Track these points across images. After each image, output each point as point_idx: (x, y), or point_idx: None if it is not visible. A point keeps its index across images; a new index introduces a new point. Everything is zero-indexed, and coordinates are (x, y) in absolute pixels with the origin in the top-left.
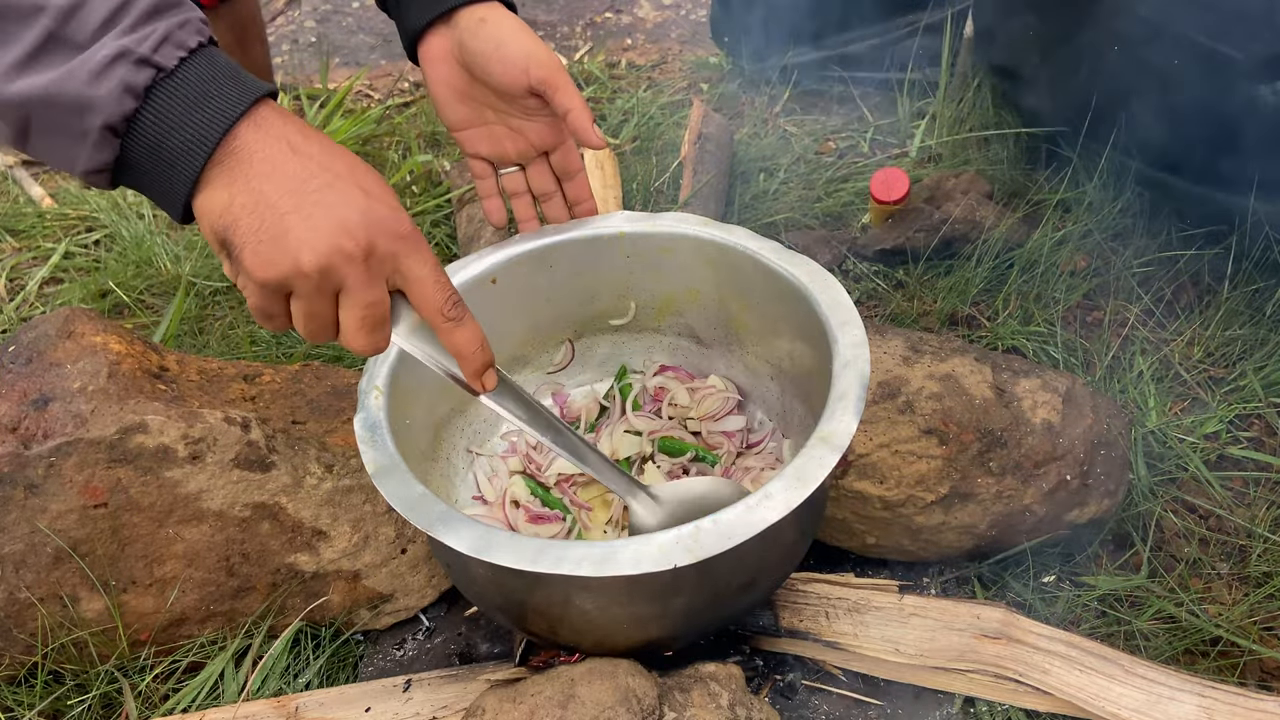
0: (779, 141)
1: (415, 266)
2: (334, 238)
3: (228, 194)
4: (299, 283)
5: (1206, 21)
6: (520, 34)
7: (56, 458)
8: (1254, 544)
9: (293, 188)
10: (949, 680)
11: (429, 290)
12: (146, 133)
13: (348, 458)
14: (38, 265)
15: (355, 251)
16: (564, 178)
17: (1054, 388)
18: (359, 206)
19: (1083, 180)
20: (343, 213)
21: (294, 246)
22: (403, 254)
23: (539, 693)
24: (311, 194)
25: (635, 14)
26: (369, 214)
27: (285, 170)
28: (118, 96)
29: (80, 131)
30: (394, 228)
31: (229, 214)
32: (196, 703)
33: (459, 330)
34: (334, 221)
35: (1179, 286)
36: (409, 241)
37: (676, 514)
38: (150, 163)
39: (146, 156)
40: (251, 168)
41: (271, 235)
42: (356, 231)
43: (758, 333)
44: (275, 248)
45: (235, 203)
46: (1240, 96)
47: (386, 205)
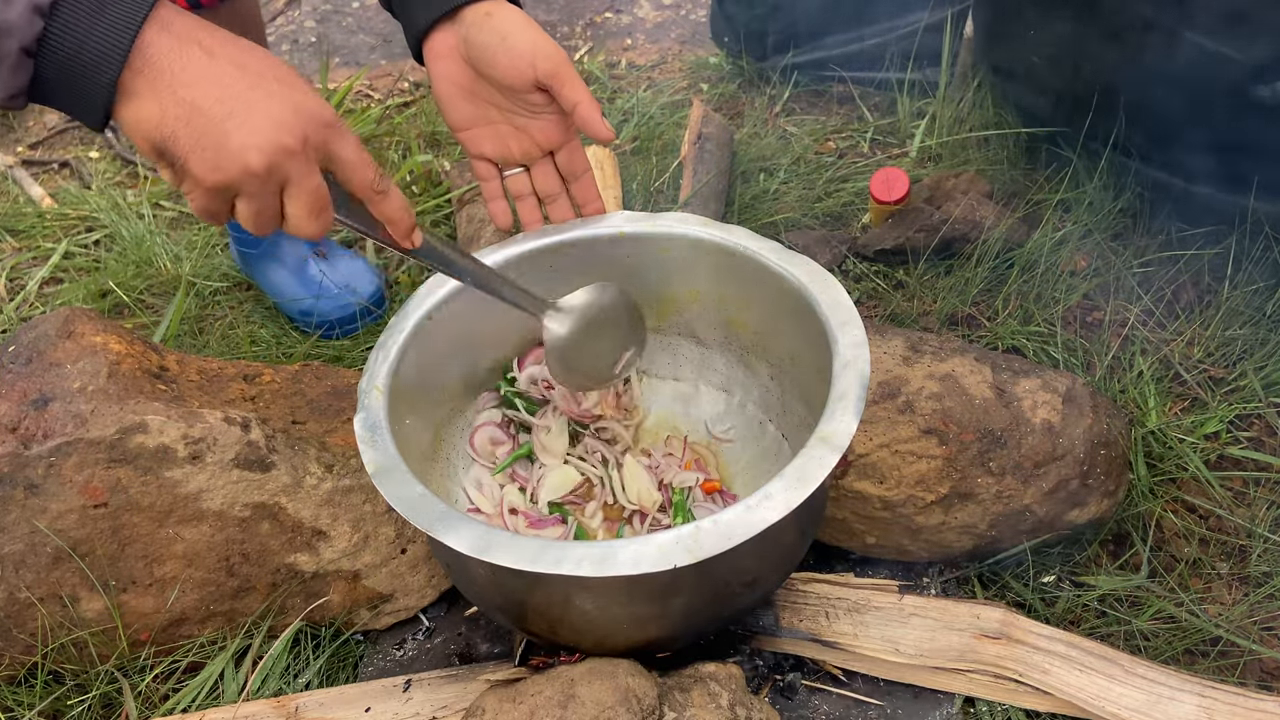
0: (779, 141)
1: (344, 149)
2: (275, 136)
3: (157, 106)
4: (248, 183)
5: (1206, 21)
6: (526, 27)
7: (56, 458)
8: (1254, 544)
9: (220, 94)
10: (949, 680)
11: (358, 169)
12: (57, 48)
13: (348, 458)
14: (38, 265)
15: (295, 145)
16: (570, 179)
17: (1054, 388)
18: (287, 101)
19: (1083, 180)
20: (276, 110)
21: (238, 150)
22: (332, 139)
23: (539, 693)
24: (241, 96)
25: (635, 14)
26: (299, 107)
27: (208, 76)
28: (28, 17)
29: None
30: (322, 116)
31: (164, 126)
32: (196, 703)
33: (387, 200)
34: (270, 120)
35: (1179, 286)
36: (335, 128)
37: (585, 316)
38: (65, 77)
39: (60, 72)
40: (174, 77)
41: (214, 142)
42: (292, 126)
43: (758, 333)
44: (220, 154)
45: (168, 114)
46: (1240, 96)
47: (308, 95)
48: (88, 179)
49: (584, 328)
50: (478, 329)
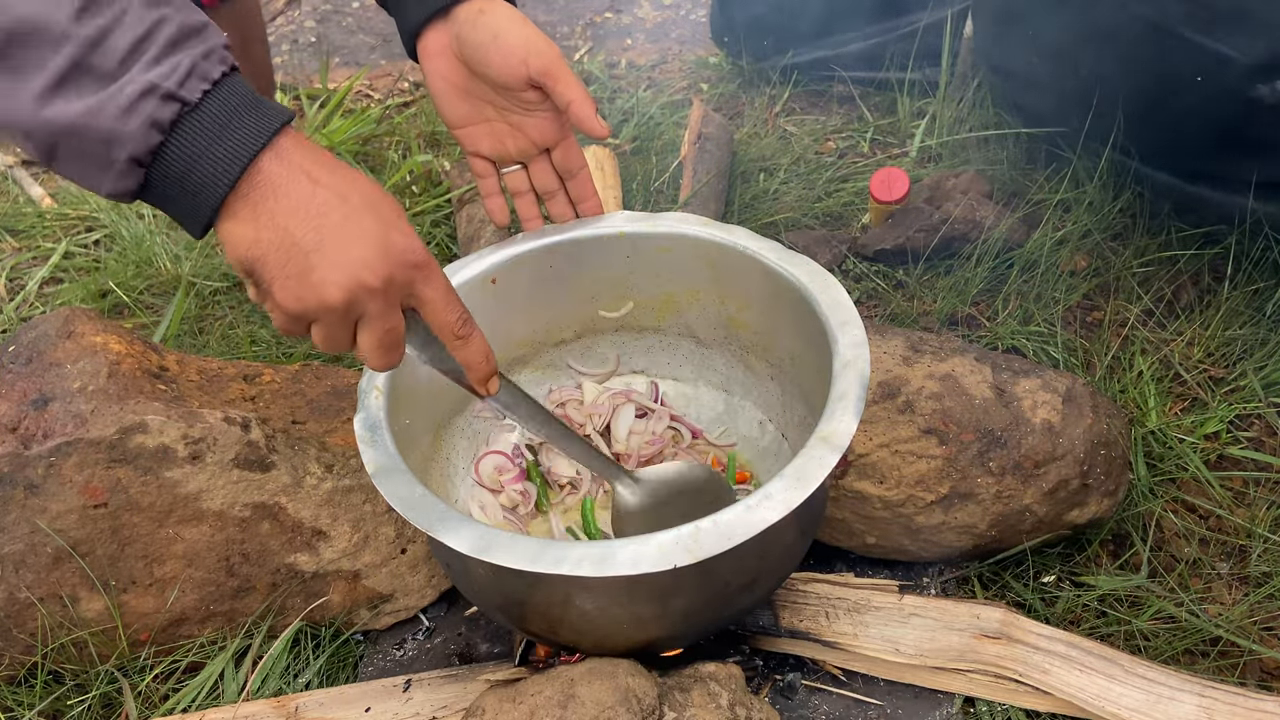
0: (779, 141)
1: (428, 291)
2: (356, 274)
3: (253, 229)
4: (325, 315)
5: (1206, 21)
6: (519, 24)
7: (56, 458)
8: (1254, 544)
9: (314, 224)
10: (949, 680)
11: (441, 312)
12: (171, 164)
13: (348, 458)
14: (38, 265)
15: (375, 284)
16: (566, 176)
17: (1054, 388)
18: (377, 239)
19: (1083, 180)
20: (362, 249)
21: (319, 284)
22: (418, 280)
23: (539, 693)
24: (332, 229)
25: (635, 14)
26: (387, 247)
27: (307, 206)
28: (145, 131)
29: (106, 161)
30: (410, 258)
31: (256, 248)
32: (196, 703)
33: (468, 345)
34: (355, 258)
35: (1179, 286)
36: (423, 269)
37: (656, 492)
38: (174, 190)
39: (170, 185)
40: (276, 203)
41: (298, 272)
42: (376, 265)
43: (758, 333)
44: (302, 284)
45: (262, 238)
46: (1240, 96)
47: (401, 234)
48: None
49: (653, 504)
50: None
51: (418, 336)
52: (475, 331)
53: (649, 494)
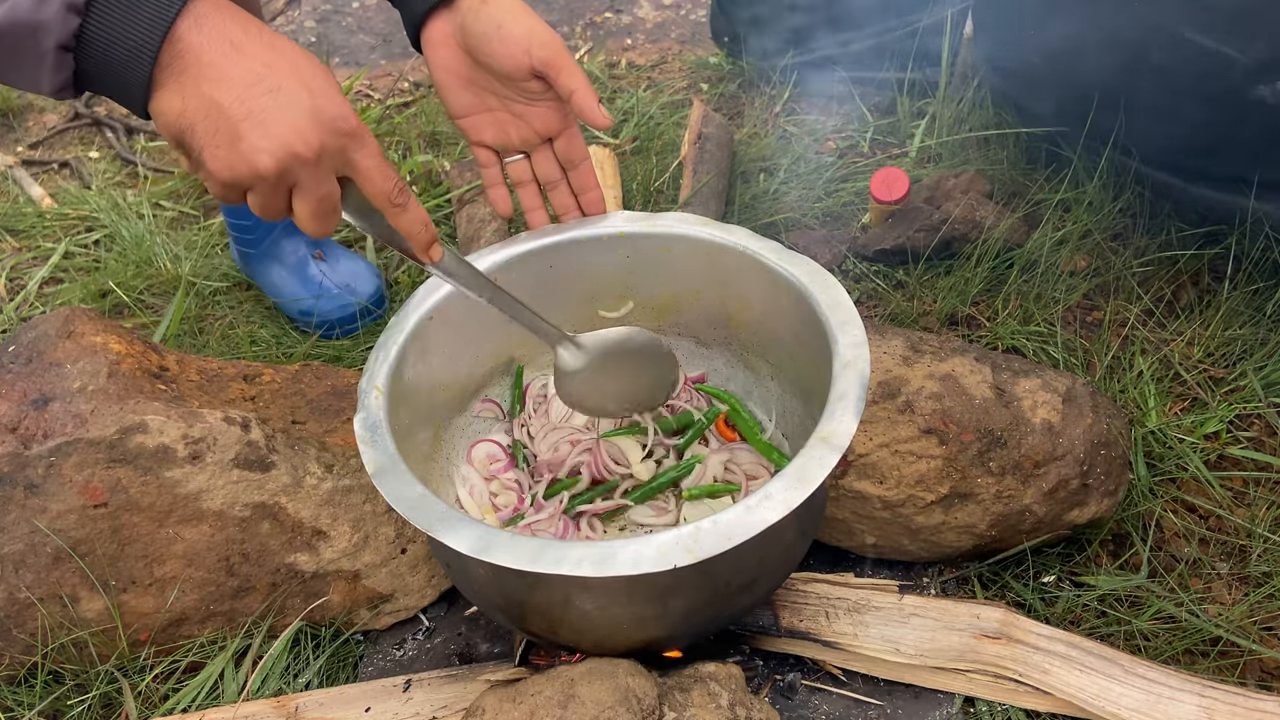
0: (779, 141)
1: (363, 159)
2: (287, 142)
3: (180, 98)
4: (257, 183)
5: (1206, 21)
6: (522, 14)
7: (56, 458)
8: (1254, 544)
9: (241, 93)
10: (949, 680)
11: (377, 180)
12: (94, 45)
13: (348, 458)
14: (38, 265)
15: (307, 153)
16: (568, 166)
17: (1054, 388)
18: (307, 108)
19: (1083, 180)
20: (292, 116)
21: (249, 152)
22: (350, 148)
23: (539, 693)
24: (261, 98)
25: (635, 14)
26: (317, 114)
27: (232, 74)
28: (62, 15)
29: (38, 55)
30: (341, 125)
31: (184, 118)
32: (196, 703)
33: (405, 213)
34: (285, 125)
35: (1179, 286)
36: (356, 137)
37: (597, 355)
38: (103, 72)
39: (100, 68)
40: (199, 71)
41: (228, 140)
42: (308, 133)
43: (758, 333)
44: (232, 152)
45: (189, 107)
46: (1240, 96)
47: (332, 102)
48: (88, 179)
49: (597, 366)
50: (478, 329)
51: (355, 204)
52: (411, 199)
53: (591, 357)
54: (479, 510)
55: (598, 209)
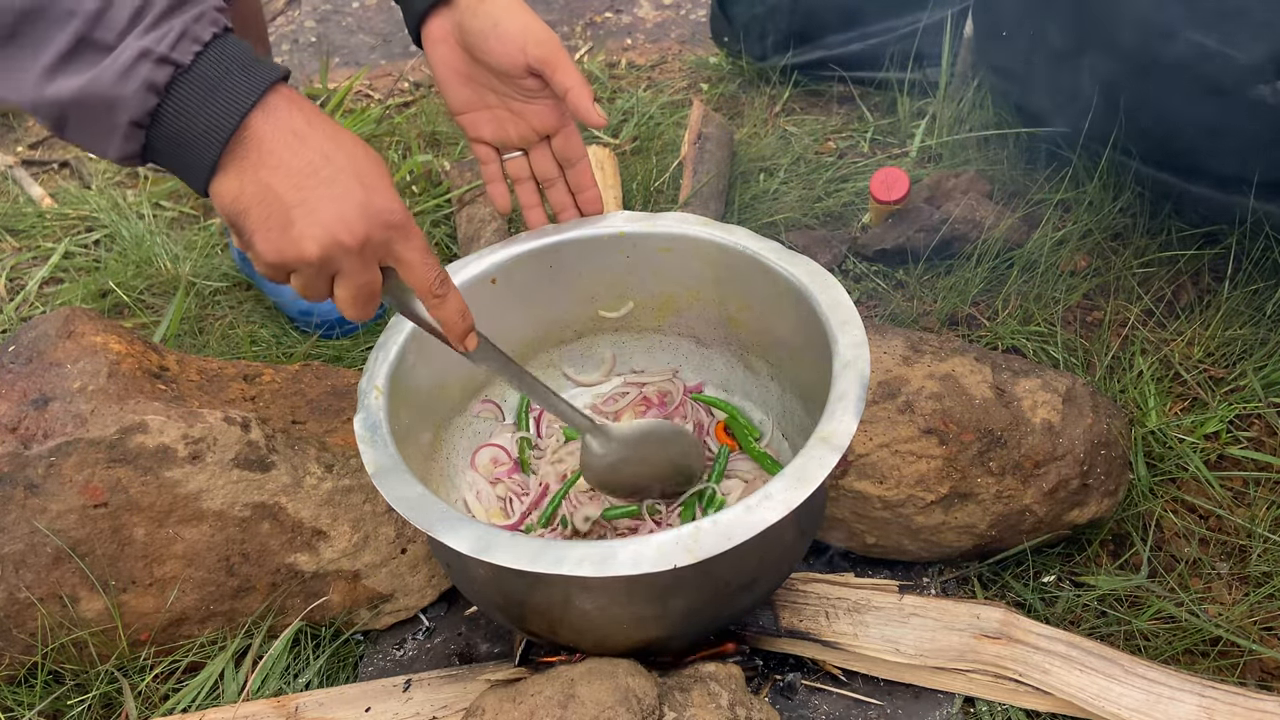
0: (779, 141)
1: (406, 251)
2: (333, 231)
3: (238, 182)
4: (302, 267)
5: (1206, 21)
6: (519, 12)
7: (56, 458)
8: (1254, 544)
9: (297, 181)
10: (949, 680)
11: (419, 271)
12: (168, 125)
13: (348, 458)
14: (38, 265)
15: (352, 244)
16: (566, 165)
17: (1054, 388)
18: (357, 200)
19: (1083, 180)
20: (341, 207)
21: (297, 238)
22: (395, 240)
23: (539, 693)
24: (315, 188)
25: (635, 14)
26: (366, 207)
27: (291, 163)
28: (142, 95)
29: (110, 126)
30: (389, 218)
31: (240, 201)
32: (196, 703)
33: (445, 304)
34: (333, 216)
35: (1179, 286)
36: (401, 230)
37: (624, 445)
38: (173, 150)
39: (169, 145)
40: (260, 159)
41: (279, 225)
42: (354, 225)
43: (758, 333)
44: (282, 237)
45: (245, 192)
46: (1240, 96)
47: (382, 195)
48: (88, 179)
49: (623, 453)
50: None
51: (396, 292)
52: (452, 290)
53: (618, 446)
54: (486, 515)
55: (595, 208)
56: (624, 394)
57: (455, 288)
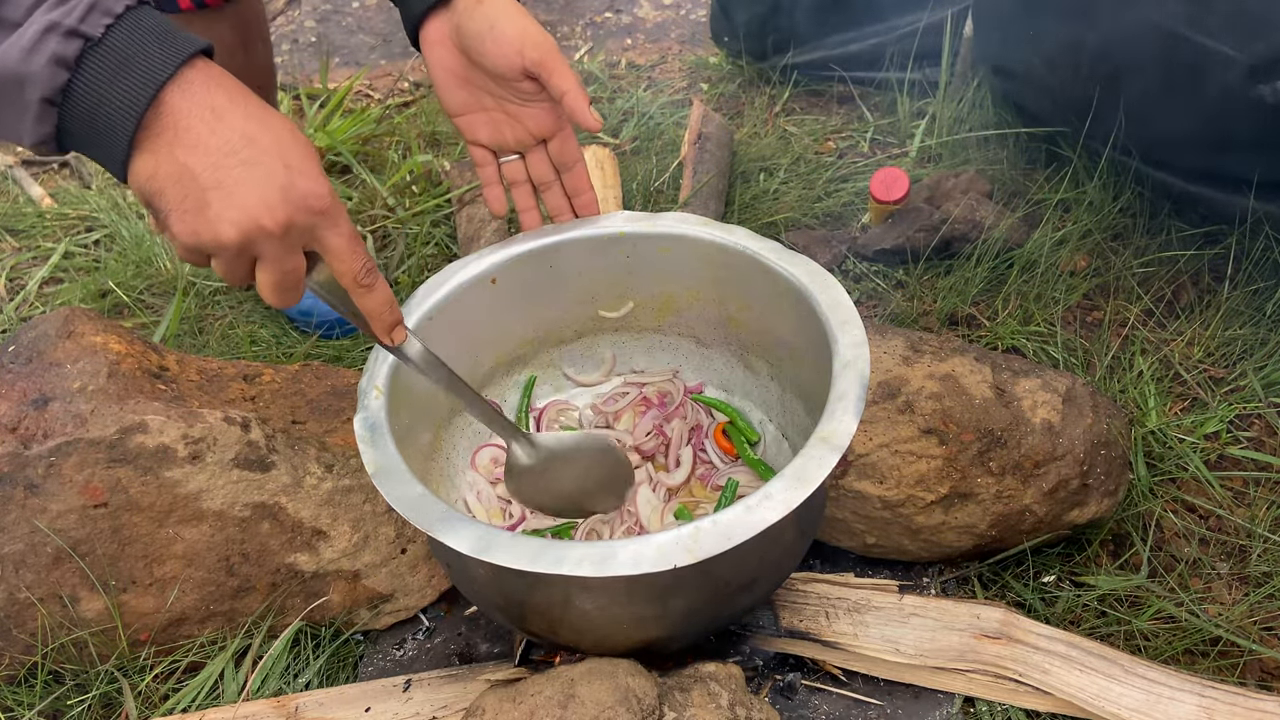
0: (779, 141)
1: (332, 238)
2: (253, 215)
3: (154, 161)
4: (219, 251)
5: (1207, 21)
6: (515, 15)
7: (56, 458)
8: (1254, 544)
9: (215, 161)
10: (949, 680)
11: (345, 260)
12: (80, 101)
13: (348, 458)
14: (38, 265)
15: (273, 228)
16: (562, 168)
17: (1054, 388)
18: (279, 183)
19: (1083, 180)
20: (262, 191)
21: (214, 220)
22: (320, 226)
23: (539, 693)
24: (234, 169)
25: (635, 14)
26: (289, 191)
27: (209, 142)
28: (50, 70)
29: (22, 106)
30: (313, 203)
31: (154, 181)
32: (196, 703)
33: (371, 295)
34: (254, 199)
35: (1179, 286)
36: (327, 215)
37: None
38: (87, 131)
39: (83, 125)
40: (176, 137)
41: (194, 207)
42: (276, 209)
43: (758, 333)
44: (198, 219)
45: (160, 171)
46: (1240, 96)
47: (307, 178)
48: (88, 179)
49: (546, 467)
50: (478, 329)
51: (321, 279)
52: (379, 281)
53: (544, 457)
54: (487, 515)
55: (591, 211)
56: (624, 394)
57: (383, 278)
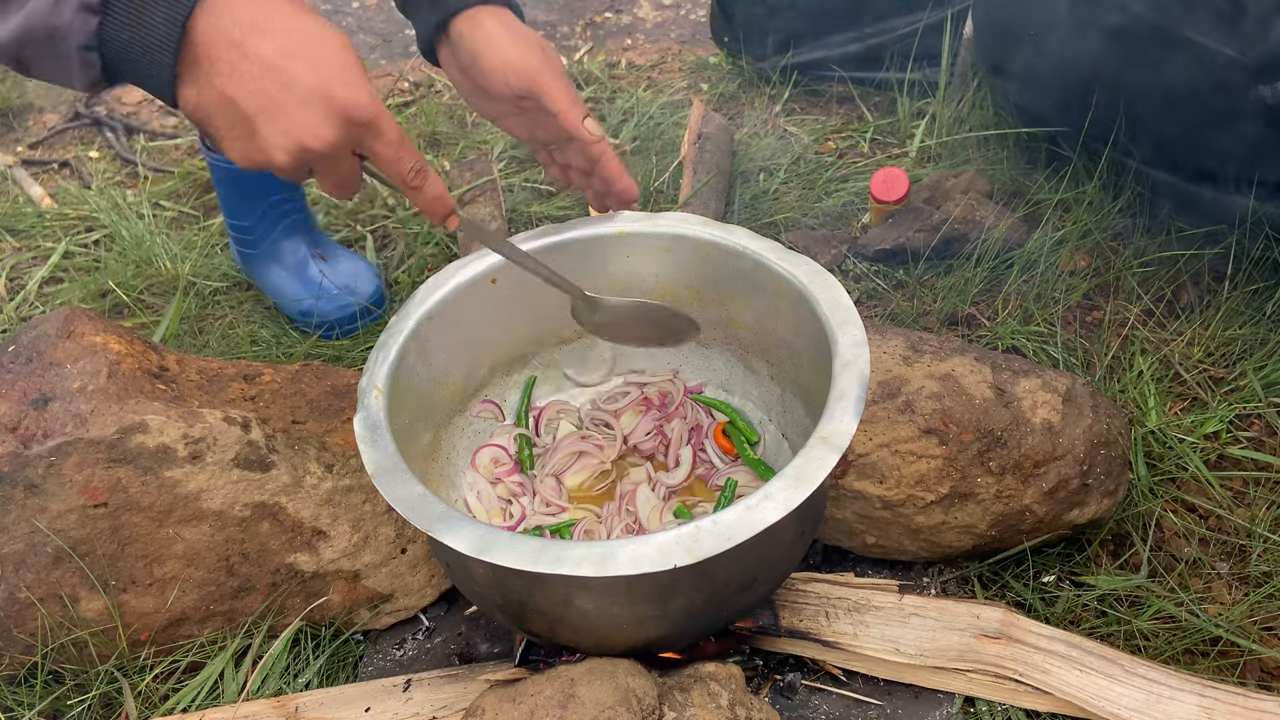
0: (779, 141)
1: (379, 146)
2: (298, 139)
3: (195, 91)
4: (275, 169)
5: (1207, 21)
6: (498, 44)
7: (56, 457)
8: (1254, 544)
9: (253, 87)
10: (949, 680)
11: (392, 164)
12: (115, 42)
13: (348, 458)
14: (38, 265)
15: (321, 148)
16: (589, 164)
17: (1054, 388)
18: (320, 100)
19: (1083, 180)
20: (304, 112)
21: (265, 146)
22: (367, 137)
23: (539, 693)
24: (274, 92)
25: (635, 14)
26: (331, 105)
27: (243, 68)
28: (80, 17)
29: (63, 55)
30: (355, 114)
31: (200, 110)
32: (196, 703)
33: (421, 193)
34: (298, 121)
35: (1179, 286)
36: (370, 126)
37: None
38: (132, 68)
39: (124, 63)
40: (212, 66)
41: (244, 134)
42: (320, 128)
43: (758, 333)
44: (249, 145)
45: (204, 100)
46: (1240, 96)
47: (348, 88)
48: (88, 179)
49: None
50: (478, 329)
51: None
52: (429, 178)
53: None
54: (487, 515)
55: (629, 196)
56: (624, 394)
57: (433, 172)
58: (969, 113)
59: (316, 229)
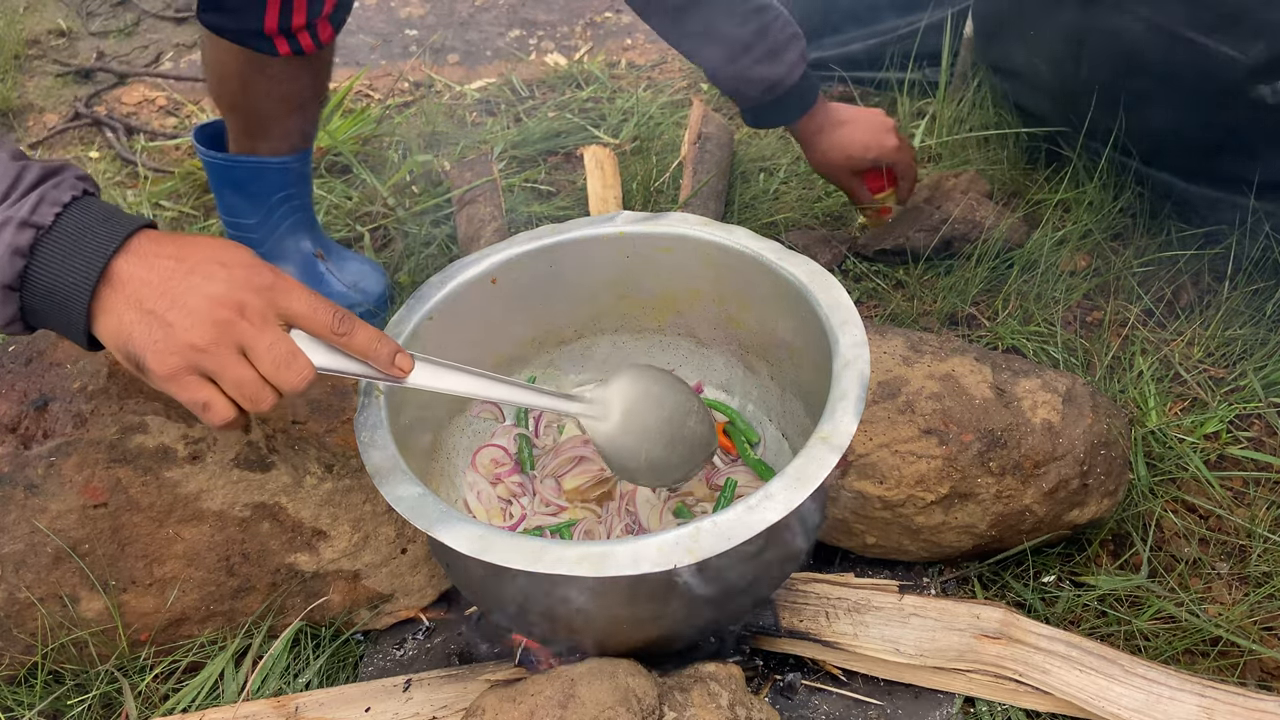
0: (779, 141)
1: (291, 304)
2: (210, 312)
3: (115, 318)
4: (203, 360)
5: (1207, 21)
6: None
7: (56, 458)
8: (1254, 544)
9: (162, 289)
10: (949, 680)
11: (312, 318)
12: (38, 283)
13: (348, 458)
14: None
15: (231, 315)
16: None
17: (1054, 388)
18: (220, 279)
19: (1083, 180)
20: (209, 289)
21: (181, 334)
22: (275, 298)
23: (539, 693)
24: (178, 289)
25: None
26: (231, 280)
27: (149, 278)
28: (9, 259)
29: None
30: (256, 281)
31: (122, 332)
32: (196, 703)
33: (354, 338)
34: (205, 299)
35: (1179, 286)
36: (275, 288)
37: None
38: (48, 308)
39: (43, 302)
40: (126, 289)
41: (162, 334)
42: (224, 299)
43: (758, 333)
44: (168, 343)
45: (124, 320)
46: (1240, 96)
47: (244, 266)
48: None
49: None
50: (478, 329)
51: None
52: (357, 324)
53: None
54: (487, 515)
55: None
56: None
57: (359, 320)
58: (969, 113)
59: (319, 228)
